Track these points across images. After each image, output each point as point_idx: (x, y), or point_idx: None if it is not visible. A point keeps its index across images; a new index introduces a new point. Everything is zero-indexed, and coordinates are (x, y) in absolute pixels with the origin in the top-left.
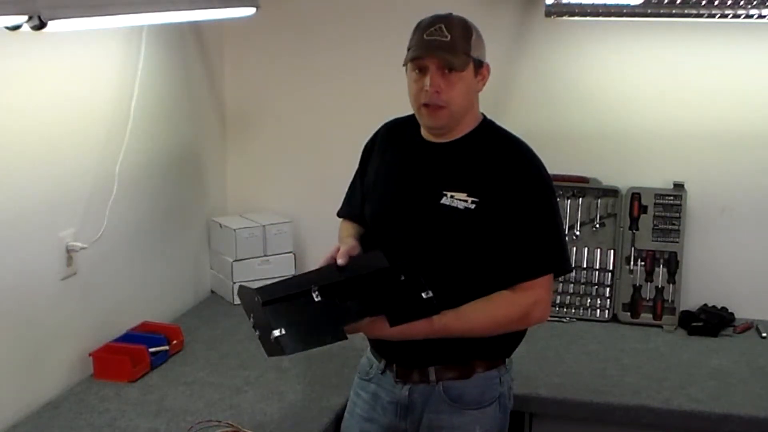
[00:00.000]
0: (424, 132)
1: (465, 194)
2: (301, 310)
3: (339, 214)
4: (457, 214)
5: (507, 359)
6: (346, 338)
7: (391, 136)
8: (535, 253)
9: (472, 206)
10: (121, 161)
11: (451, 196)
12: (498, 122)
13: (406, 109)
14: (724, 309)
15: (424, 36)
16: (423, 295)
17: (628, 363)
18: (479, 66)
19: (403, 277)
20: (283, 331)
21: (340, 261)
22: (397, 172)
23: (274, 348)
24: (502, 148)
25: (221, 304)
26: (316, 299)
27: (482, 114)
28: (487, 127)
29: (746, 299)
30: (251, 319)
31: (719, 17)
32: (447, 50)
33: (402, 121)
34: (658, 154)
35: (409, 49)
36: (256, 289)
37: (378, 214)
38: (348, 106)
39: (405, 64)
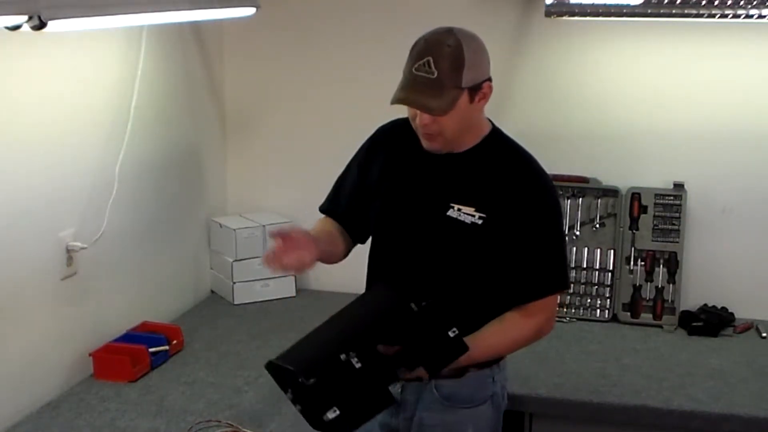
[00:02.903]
0: None
1: (472, 208)
2: (345, 383)
3: (320, 209)
4: (464, 228)
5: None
6: (396, 401)
7: (393, 139)
8: (543, 273)
9: (480, 221)
10: (121, 161)
11: (458, 209)
12: (498, 122)
13: (405, 109)
14: (724, 309)
15: (413, 69)
16: (450, 333)
17: (628, 363)
18: (476, 89)
19: (414, 308)
20: (337, 411)
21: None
22: (403, 177)
23: (326, 426)
24: (511, 162)
25: (221, 304)
26: (356, 366)
27: (490, 122)
28: (495, 137)
29: (746, 299)
30: (289, 394)
31: (719, 17)
32: (431, 93)
33: (403, 123)
34: (658, 154)
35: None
36: (290, 362)
37: (382, 217)
38: (348, 105)
39: (392, 103)
